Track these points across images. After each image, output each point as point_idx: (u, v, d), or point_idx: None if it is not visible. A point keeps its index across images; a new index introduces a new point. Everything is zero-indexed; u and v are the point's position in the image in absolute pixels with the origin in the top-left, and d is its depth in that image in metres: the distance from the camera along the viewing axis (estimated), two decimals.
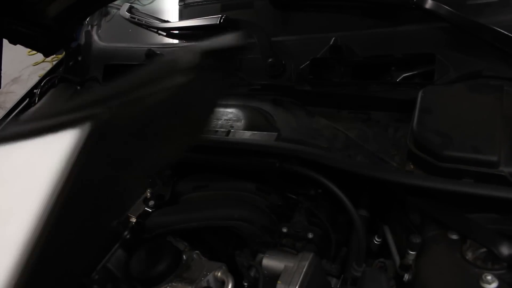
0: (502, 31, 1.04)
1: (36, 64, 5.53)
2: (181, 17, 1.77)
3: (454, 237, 0.87)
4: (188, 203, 1.24)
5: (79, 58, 2.01)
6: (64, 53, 2.00)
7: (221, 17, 1.47)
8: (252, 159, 1.06)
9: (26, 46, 1.84)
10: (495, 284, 0.74)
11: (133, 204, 1.26)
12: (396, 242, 1.06)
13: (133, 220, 1.20)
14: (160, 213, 1.21)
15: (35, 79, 2.06)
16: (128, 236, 1.18)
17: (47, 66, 5.04)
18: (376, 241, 1.08)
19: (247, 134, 1.11)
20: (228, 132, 1.13)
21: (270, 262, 0.96)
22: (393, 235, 1.08)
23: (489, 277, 0.75)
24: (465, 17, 1.11)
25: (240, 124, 1.20)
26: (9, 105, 1.93)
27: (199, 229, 1.14)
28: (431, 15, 1.17)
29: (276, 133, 1.09)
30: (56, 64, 2.08)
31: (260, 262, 0.97)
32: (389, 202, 1.12)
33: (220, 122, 1.24)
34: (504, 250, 0.77)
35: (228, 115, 1.26)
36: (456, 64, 1.11)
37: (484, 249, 0.81)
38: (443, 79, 1.10)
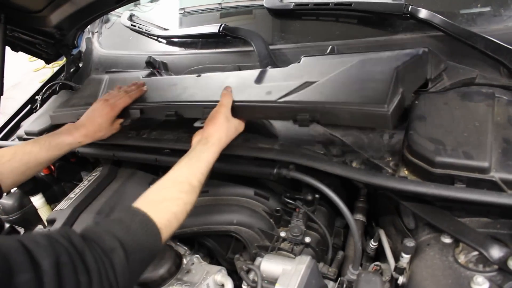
0: (494, 39, 1.07)
1: (37, 70, 5.56)
2: (181, 25, 1.80)
3: (447, 240, 0.90)
4: None
5: (80, 65, 2.04)
6: (64, 59, 2.03)
7: (220, 26, 1.50)
8: (250, 166, 1.08)
9: (28, 53, 1.87)
10: (486, 286, 0.77)
11: None
12: (391, 245, 1.08)
13: None
14: None
15: (35, 85, 2.08)
16: None
17: (47, 72, 5.07)
18: (372, 245, 1.10)
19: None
20: None
21: (268, 266, 0.98)
22: (388, 238, 1.10)
23: (480, 279, 0.77)
24: (458, 26, 1.14)
25: None
26: (9, 110, 1.95)
27: (199, 233, 1.16)
28: (425, 24, 1.20)
29: (275, 139, 1.12)
30: (57, 70, 2.10)
31: (259, 265, 0.99)
32: (384, 207, 1.14)
33: None
34: (495, 253, 0.79)
35: None
36: (449, 72, 1.14)
37: (475, 252, 0.84)
38: (437, 86, 1.13)
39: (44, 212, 1.55)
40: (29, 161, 1.12)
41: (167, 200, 0.82)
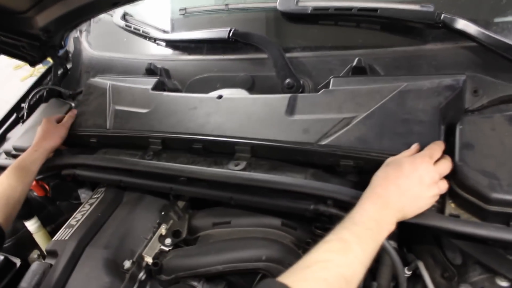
0: None
1: (18, 67, 5.20)
2: (181, 28, 1.63)
3: (504, 284, 0.84)
4: (209, 242, 1.15)
5: (68, 67, 1.87)
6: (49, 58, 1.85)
7: (230, 31, 1.37)
8: (281, 200, 0.98)
9: (11, 56, 1.69)
10: None
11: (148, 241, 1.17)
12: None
13: (149, 260, 1.12)
14: (180, 254, 1.11)
15: (15, 82, 1.91)
16: (143, 278, 1.10)
17: (29, 68, 4.74)
18: (406, 274, 1.03)
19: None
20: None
21: None
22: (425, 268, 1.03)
23: None
24: (494, 37, 1.06)
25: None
26: None
27: (225, 272, 1.06)
28: (459, 34, 1.11)
29: (305, 166, 1.02)
30: (43, 74, 1.92)
31: None
32: (420, 235, 1.07)
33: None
34: None
35: None
36: (486, 88, 1.06)
37: None
38: (474, 104, 1.05)
39: (40, 237, 1.42)
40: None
41: (313, 264, 0.70)
